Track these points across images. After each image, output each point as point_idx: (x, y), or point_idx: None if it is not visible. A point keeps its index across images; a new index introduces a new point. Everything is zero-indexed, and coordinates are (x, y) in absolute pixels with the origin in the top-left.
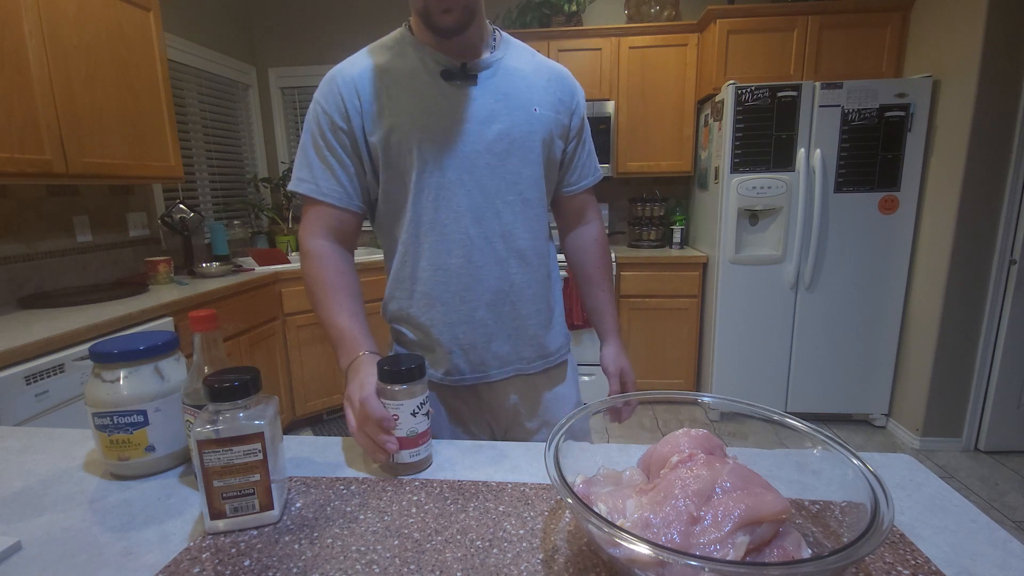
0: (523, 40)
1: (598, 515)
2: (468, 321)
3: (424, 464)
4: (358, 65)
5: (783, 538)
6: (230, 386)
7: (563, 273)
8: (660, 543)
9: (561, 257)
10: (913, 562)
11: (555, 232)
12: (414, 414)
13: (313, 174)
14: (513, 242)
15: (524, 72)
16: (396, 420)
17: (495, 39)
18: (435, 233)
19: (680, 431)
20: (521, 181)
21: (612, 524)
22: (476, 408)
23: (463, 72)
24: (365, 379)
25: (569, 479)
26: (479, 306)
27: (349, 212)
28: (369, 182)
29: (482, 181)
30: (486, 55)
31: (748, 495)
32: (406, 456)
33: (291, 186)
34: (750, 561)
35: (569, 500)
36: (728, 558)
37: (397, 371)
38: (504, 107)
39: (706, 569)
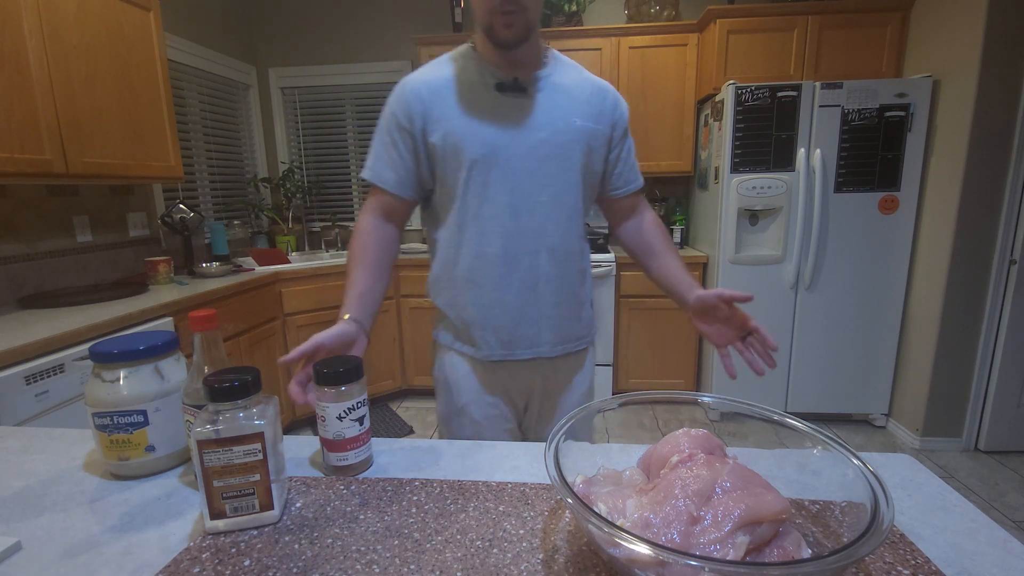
0: None
1: (598, 515)
2: (500, 304)
3: (354, 470)
4: (426, 74)
5: (783, 538)
6: (230, 386)
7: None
8: (660, 543)
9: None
10: (913, 562)
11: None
12: (340, 418)
13: (375, 163)
14: (544, 238)
15: (568, 87)
16: (323, 421)
17: (547, 57)
18: (477, 225)
19: (680, 431)
20: (556, 184)
21: (612, 524)
22: (504, 382)
23: (515, 85)
24: (320, 334)
25: (569, 479)
26: (510, 291)
27: (399, 199)
28: (424, 176)
29: (521, 182)
30: (537, 71)
31: (748, 495)
32: (333, 459)
33: (361, 174)
34: (750, 561)
35: (569, 500)
36: (728, 558)
37: (321, 372)
38: (547, 118)
39: (706, 569)
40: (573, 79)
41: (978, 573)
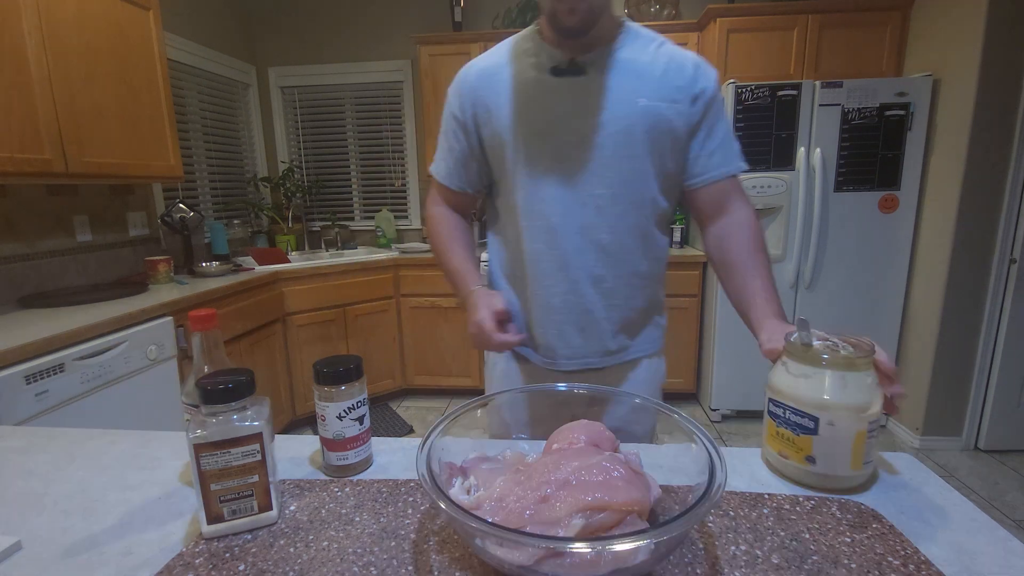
0: None
1: (439, 489)
2: (544, 306)
3: (354, 470)
4: (483, 61)
5: (625, 527)
6: (224, 388)
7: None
8: (494, 519)
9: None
10: (913, 562)
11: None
12: (340, 417)
13: (437, 155)
14: (593, 235)
15: (639, 63)
16: (323, 420)
17: (620, 31)
18: (526, 219)
19: (579, 423)
20: (612, 174)
21: (443, 493)
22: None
23: (571, 67)
24: (479, 306)
25: (474, 454)
26: (555, 294)
27: (449, 190)
28: (477, 169)
29: (572, 173)
30: (598, 49)
31: (604, 485)
32: (333, 458)
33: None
34: (516, 530)
35: (425, 484)
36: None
37: (321, 372)
38: (603, 100)
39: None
40: (648, 53)
41: (978, 572)
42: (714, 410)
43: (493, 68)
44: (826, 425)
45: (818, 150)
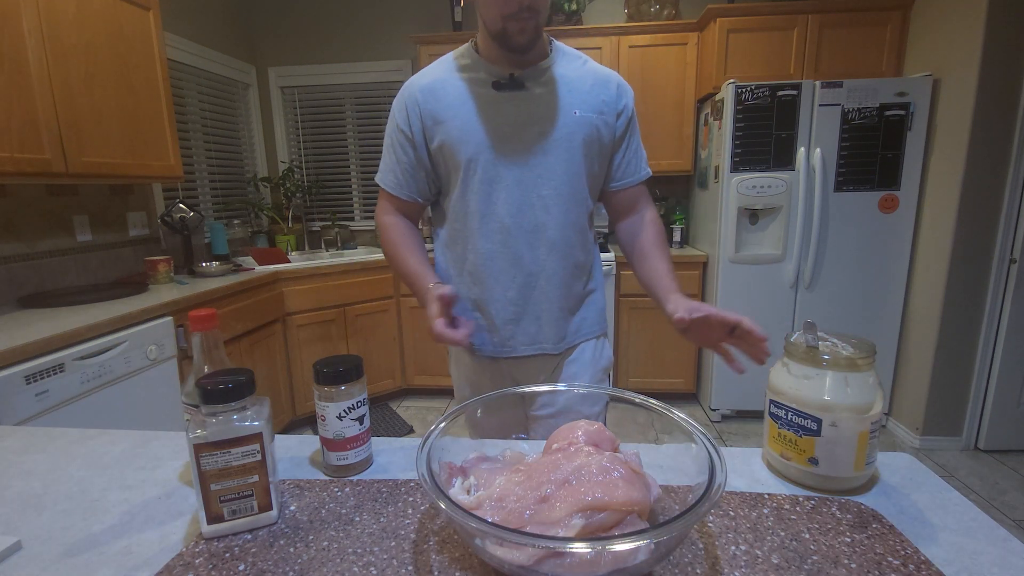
0: None
1: (439, 489)
2: (503, 300)
3: (354, 470)
4: (426, 77)
5: (625, 527)
6: (224, 388)
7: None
8: (494, 519)
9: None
10: (913, 562)
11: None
12: (340, 417)
13: (382, 166)
14: (544, 232)
15: (570, 78)
16: (323, 420)
17: (550, 49)
18: (479, 221)
19: (579, 422)
20: (556, 177)
21: (443, 493)
22: (507, 378)
23: (512, 82)
24: (429, 302)
25: (474, 453)
26: (511, 287)
27: (399, 200)
28: (426, 179)
29: (521, 177)
30: (534, 66)
31: (603, 485)
32: (333, 458)
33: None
34: (517, 530)
35: (425, 484)
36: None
37: (321, 372)
38: (545, 111)
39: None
40: (576, 69)
41: (978, 572)
42: (714, 410)
43: (437, 83)
44: (829, 426)
45: (818, 150)
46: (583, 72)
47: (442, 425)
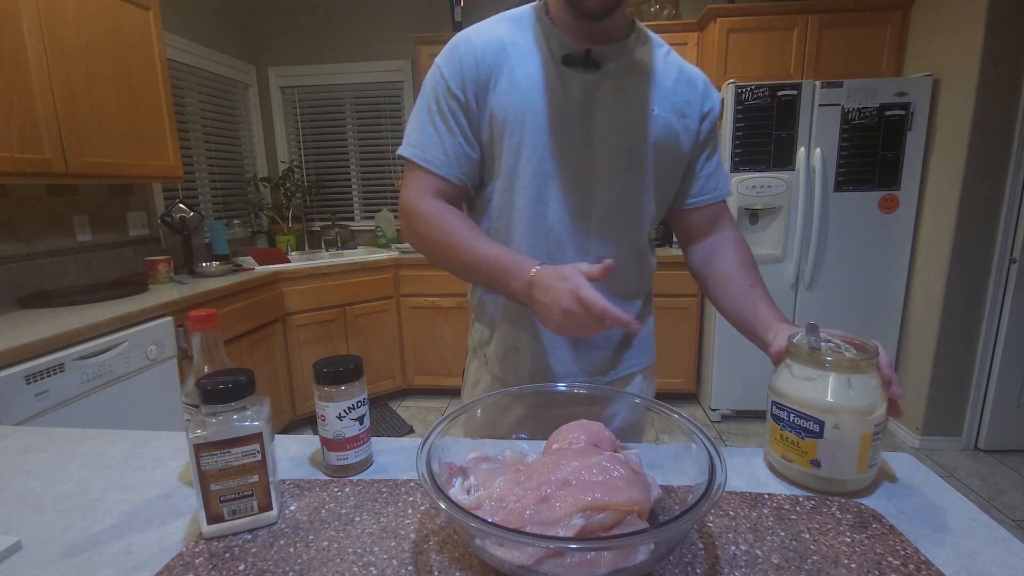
0: None
1: (439, 489)
2: (531, 326)
3: (354, 470)
4: (485, 34)
5: (625, 527)
6: (224, 388)
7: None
8: (494, 519)
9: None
10: (913, 562)
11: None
12: (340, 417)
13: (421, 138)
14: (594, 250)
15: (651, 69)
16: (323, 420)
17: (632, 29)
18: (524, 221)
19: (579, 422)
20: (618, 184)
21: (443, 493)
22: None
23: (586, 59)
24: (564, 283)
25: (474, 453)
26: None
27: (448, 182)
28: (480, 160)
29: (578, 179)
30: (615, 45)
31: (603, 485)
32: (333, 458)
33: (398, 150)
34: (516, 529)
35: (425, 484)
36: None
37: (321, 372)
38: (618, 103)
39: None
40: (658, 60)
41: (978, 572)
42: (714, 410)
43: (496, 44)
44: (832, 428)
45: (818, 150)
46: (666, 63)
47: (442, 425)
